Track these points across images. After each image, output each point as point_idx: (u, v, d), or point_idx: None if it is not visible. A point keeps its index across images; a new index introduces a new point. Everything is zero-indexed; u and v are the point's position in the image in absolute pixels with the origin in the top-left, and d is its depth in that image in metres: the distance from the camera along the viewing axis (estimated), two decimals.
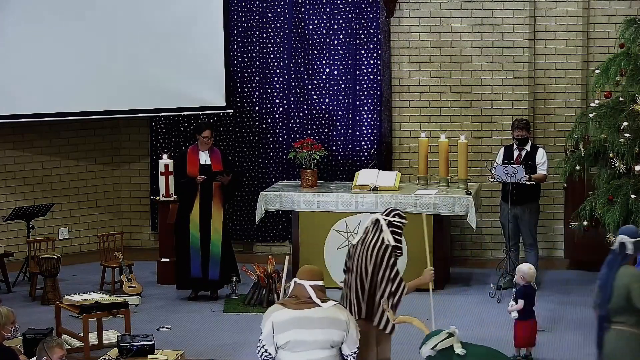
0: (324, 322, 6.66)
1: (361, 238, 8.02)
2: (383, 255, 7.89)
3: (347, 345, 6.77)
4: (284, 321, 6.66)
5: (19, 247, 13.03)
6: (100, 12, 12.84)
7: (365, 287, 7.88)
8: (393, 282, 7.85)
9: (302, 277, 6.78)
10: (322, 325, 6.65)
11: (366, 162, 13.15)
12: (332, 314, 6.70)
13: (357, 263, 7.92)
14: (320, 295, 6.75)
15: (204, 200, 11.54)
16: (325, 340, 6.66)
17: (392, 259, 7.89)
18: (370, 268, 7.88)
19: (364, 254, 7.92)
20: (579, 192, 12.10)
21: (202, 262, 11.59)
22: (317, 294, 6.73)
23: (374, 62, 13.20)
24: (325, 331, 6.64)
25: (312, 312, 6.67)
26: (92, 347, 9.80)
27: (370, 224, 8.03)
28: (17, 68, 12.63)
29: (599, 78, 11.20)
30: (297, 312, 6.66)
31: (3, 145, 13.22)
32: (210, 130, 11.62)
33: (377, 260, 7.89)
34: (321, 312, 6.69)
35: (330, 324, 6.67)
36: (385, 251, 7.89)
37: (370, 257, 7.90)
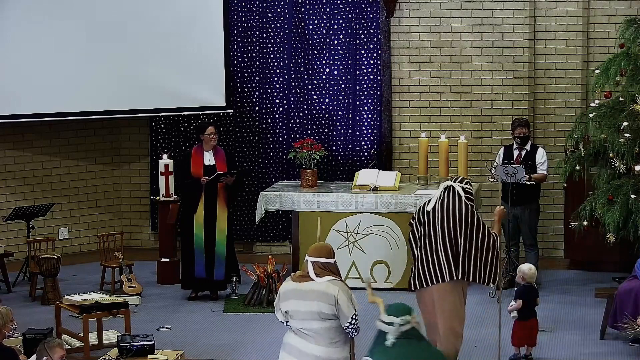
0: (314, 295, 7.23)
1: (437, 205, 8.72)
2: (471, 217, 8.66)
3: (340, 319, 7.25)
4: (286, 291, 7.33)
5: (19, 247, 13.03)
6: (101, 12, 12.84)
7: (459, 249, 8.65)
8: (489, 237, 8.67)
9: (309, 253, 7.38)
10: (312, 298, 7.22)
11: (366, 162, 13.15)
12: (323, 288, 7.23)
13: (442, 228, 8.68)
14: (319, 271, 7.31)
15: (208, 201, 11.54)
16: (315, 311, 7.20)
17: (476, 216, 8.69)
18: (460, 230, 8.64)
19: (448, 218, 8.66)
20: (579, 192, 12.10)
21: (206, 263, 11.58)
22: (316, 269, 7.30)
23: (374, 62, 13.20)
24: (314, 303, 7.20)
25: (307, 286, 7.28)
26: (92, 347, 9.79)
27: (443, 191, 8.76)
28: (17, 68, 12.63)
29: (599, 78, 11.20)
30: (297, 284, 7.30)
31: (3, 145, 13.22)
32: (213, 127, 11.62)
33: (467, 222, 8.63)
34: (313, 286, 7.25)
35: (319, 297, 7.21)
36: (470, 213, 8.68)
37: (459, 220, 8.64)
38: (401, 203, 11.87)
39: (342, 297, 7.25)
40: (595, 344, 10.04)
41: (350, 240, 11.97)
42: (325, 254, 7.39)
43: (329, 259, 7.38)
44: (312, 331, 7.26)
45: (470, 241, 8.69)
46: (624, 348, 9.89)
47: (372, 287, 7.57)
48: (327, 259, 7.38)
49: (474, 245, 8.69)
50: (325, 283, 7.28)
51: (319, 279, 7.28)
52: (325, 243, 7.60)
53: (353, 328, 7.27)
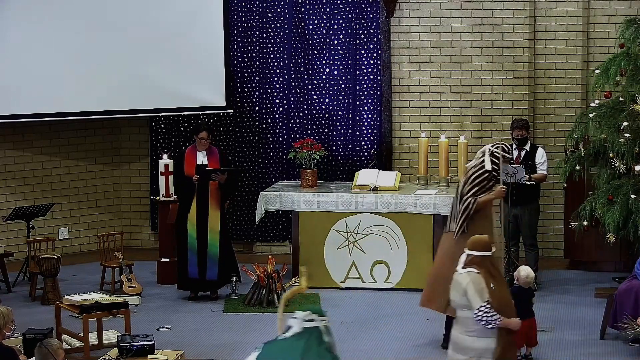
0: (453, 284, 7.77)
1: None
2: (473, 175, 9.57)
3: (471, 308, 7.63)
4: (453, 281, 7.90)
5: (19, 247, 13.03)
6: (101, 12, 12.84)
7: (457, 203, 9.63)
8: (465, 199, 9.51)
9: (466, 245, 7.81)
10: (452, 287, 7.77)
11: (366, 162, 13.15)
12: (458, 278, 7.71)
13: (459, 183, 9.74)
14: (468, 262, 7.71)
15: (200, 201, 11.55)
16: (453, 300, 7.76)
17: (479, 178, 9.54)
18: (461, 186, 9.63)
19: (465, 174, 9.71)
20: (579, 192, 12.10)
21: (199, 263, 11.58)
22: (466, 260, 7.72)
23: (374, 62, 13.20)
24: (453, 292, 7.76)
25: (454, 275, 7.82)
26: (92, 347, 9.79)
27: (481, 153, 9.62)
28: (18, 68, 12.63)
29: (599, 78, 11.21)
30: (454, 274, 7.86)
31: (3, 145, 13.22)
32: (206, 132, 11.61)
33: (468, 178, 9.60)
34: (455, 276, 7.77)
35: (454, 286, 7.73)
36: (478, 172, 9.56)
37: (465, 176, 9.66)
38: (401, 203, 11.87)
39: (470, 288, 7.57)
40: (595, 344, 10.04)
41: (350, 240, 11.97)
42: (480, 248, 7.71)
43: (483, 252, 7.70)
44: (458, 317, 7.78)
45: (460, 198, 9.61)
46: (624, 348, 9.89)
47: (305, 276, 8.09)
48: (482, 252, 7.69)
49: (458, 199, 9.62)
50: (463, 274, 7.67)
51: (462, 270, 7.69)
52: (482, 236, 7.93)
53: (480, 319, 7.53)
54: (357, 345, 10.08)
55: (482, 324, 7.59)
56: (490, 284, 7.63)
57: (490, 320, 7.57)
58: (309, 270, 8.94)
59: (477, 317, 7.58)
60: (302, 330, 6.28)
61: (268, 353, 6.29)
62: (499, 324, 7.62)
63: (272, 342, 6.35)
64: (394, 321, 10.85)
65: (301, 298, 11.55)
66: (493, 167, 9.67)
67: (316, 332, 6.27)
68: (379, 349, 9.97)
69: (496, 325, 7.61)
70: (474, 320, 7.63)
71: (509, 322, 7.69)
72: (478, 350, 7.65)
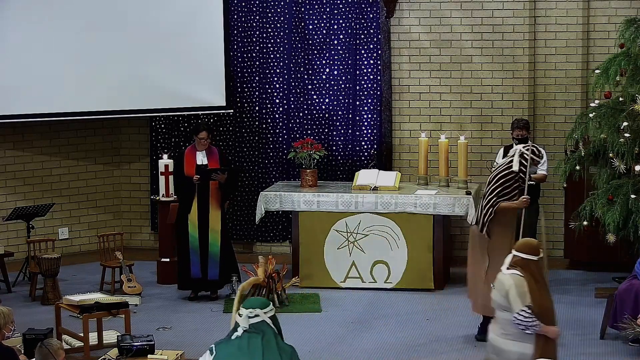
0: (496, 284, 7.67)
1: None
2: (499, 174, 9.85)
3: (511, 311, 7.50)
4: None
5: (19, 247, 13.03)
6: (101, 12, 12.84)
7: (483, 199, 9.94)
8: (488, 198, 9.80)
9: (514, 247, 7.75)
10: (495, 287, 7.67)
11: (366, 162, 13.15)
12: (502, 278, 7.59)
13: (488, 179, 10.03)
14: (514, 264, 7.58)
15: (201, 201, 11.55)
16: (494, 300, 7.64)
17: (504, 178, 9.78)
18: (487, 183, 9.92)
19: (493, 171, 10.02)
20: (579, 192, 12.10)
21: (201, 263, 11.59)
22: (511, 261, 7.61)
23: (374, 62, 13.20)
24: (494, 292, 7.65)
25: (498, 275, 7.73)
26: (92, 347, 9.79)
27: (513, 152, 9.87)
28: (17, 68, 12.63)
29: (599, 78, 11.21)
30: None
31: (3, 145, 13.22)
32: (206, 132, 11.61)
33: (494, 177, 9.87)
34: (499, 276, 7.66)
35: (498, 287, 7.62)
36: (504, 171, 9.83)
37: (492, 173, 9.95)
38: (401, 203, 11.87)
39: (512, 291, 7.47)
40: (595, 344, 10.05)
41: (350, 240, 11.97)
42: (527, 250, 7.60)
43: (529, 255, 7.58)
44: (496, 318, 7.68)
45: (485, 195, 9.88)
46: (624, 348, 9.90)
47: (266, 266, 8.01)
48: (528, 254, 7.58)
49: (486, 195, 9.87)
50: (507, 275, 7.56)
51: (506, 271, 7.58)
52: (532, 240, 7.86)
53: (519, 322, 7.43)
54: (357, 345, 10.08)
55: (520, 328, 7.46)
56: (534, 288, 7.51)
57: (528, 326, 7.42)
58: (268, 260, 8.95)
59: (516, 320, 7.45)
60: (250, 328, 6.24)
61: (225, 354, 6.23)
62: (538, 330, 7.46)
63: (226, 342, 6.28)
64: (394, 321, 10.85)
65: (301, 298, 11.57)
66: (520, 169, 9.82)
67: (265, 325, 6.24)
68: (379, 349, 9.98)
69: (534, 332, 7.46)
70: (513, 323, 7.50)
71: (548, 329, 7.52)
72: (514, 354, 7.51)
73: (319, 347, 10.03)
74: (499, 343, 7.58)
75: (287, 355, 6.24)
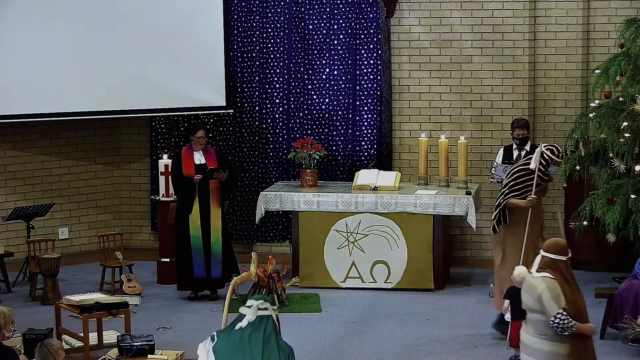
0: (526, 287, 7.56)
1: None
2: (516, 168, 10.10)
3: (546, 315, 7.42)
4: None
5: (19, 247, 13.03)
6: (101, 12, 12.84)
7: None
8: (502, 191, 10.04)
9: (542, 247, 7.66)
10: (525, 290, 7.57)
11: (366, 162, 13.15)
12: (533, 281, 7.48)
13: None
14: (543, 265, 7.51)
15: (202, 200, 11.55)
16: (525, 303, 7.55)
17: (519, 173, 9.99)
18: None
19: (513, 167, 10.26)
20: (579, 192, 12.10)
21: (205, 262, 11.59)
22: (541, 263, 7.53)
23: (374, 62, 13.20)
24: (525, 295, 7.54)
25: (528, 277, 7.62)
26: (92, 347, 9.79)
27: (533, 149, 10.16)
28: (18, 68, 12.63)
29: (599, 78, 11.21)
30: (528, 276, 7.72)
31: (3, 145, 13.22)
32: (203, 131, 11.61)
33: (511, 171, 10.14)
34: (529, 279, 7.56)
35: (528, 289, 7.51)
36: (520, 166, 10.06)
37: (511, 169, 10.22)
38: (401, 203, 11.87)
39: (545, 294, 7.38)
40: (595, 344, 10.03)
41: (350, 240, 11.97)
42: (555, 251, 7.53)
43: (558, 255, 7.52)
44: (528, 319, 7.59)
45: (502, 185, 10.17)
46: (624, 348, 9.89)
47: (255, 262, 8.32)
48: (556, 254, 7.52)
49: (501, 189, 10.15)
50: (538, 278, 7.46)
51: (536, 274, 7.49)
52: (560, 240, 7.73)
53: (556, 326, 7.36)
54: (357, 345, 10.08)
55: (558, 330, 7.41)
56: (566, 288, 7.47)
57: (566, 328, 7.38)
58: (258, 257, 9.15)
59: (554, 324, 7.39)
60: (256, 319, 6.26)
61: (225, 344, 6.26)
62: (575, 330, 7.43)
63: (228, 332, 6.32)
64: (394, 321, 10.85)
65: (301, 298, 11.57)
66: (539, 168, 9.93)
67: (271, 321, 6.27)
68: (379, 349, 9.98)
69: (571, 332, 7.42)
70: (548, 325, 7.43)
71: (584, 327, 7.49)
72: (549, 354, 7.47)
73: (319, 347, 10.03)
74: (534, 343, 7.54)
75: (285, 354, 6.25)
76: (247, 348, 6.19)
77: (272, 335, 6.25)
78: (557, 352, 7.46)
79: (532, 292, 7.46)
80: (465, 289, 12.05)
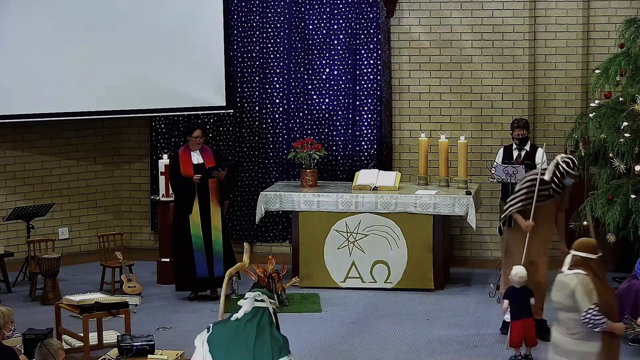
0: (558, 285, 7.55)
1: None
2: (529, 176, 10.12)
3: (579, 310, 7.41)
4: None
5: (19, 247, 13.03)
6: (101, 12, 12.84)
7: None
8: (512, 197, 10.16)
9: (573, 246, 7.66)
10: (557, 288, 7.55)
11: (366, 162, 13.15)
12: (564, 279, 7.48)
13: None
14: (574, 263, 7.51)
15: (202, 200, 11.55)
16: (557, 301, 7.53)
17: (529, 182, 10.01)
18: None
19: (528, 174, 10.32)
20: (579, 192, 12.09)
21: (207, 262, 11.59)
22: (571, 261, 7.53)
23: (374, 62, 13.20)
24: (557, 293, 7.53)
25: (559, 276, 7.61)
26: (92, 347, 9.79)
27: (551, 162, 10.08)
28: (17, 68, 12.63)
29: (599, 78, 11.21)
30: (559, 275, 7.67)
31: (3, 145, 13.22)
32: (200, 130, 11.61)
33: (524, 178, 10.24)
34: (560, 277, 7.56)
35: (560, 287, 7.50)
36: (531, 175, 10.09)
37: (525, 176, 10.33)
38: (401, 203, 11.87)
39: (579, 290, 7.40)
40: None
41: (350, 240, 11.97)
42: (586, 249, 7.56)
43: (589, 253, 7.53)
44: (559, 319, 7.58)
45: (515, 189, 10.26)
46: (624, 348, 9.85)
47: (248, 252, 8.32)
48: (587, 253, 7.53)
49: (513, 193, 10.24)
50: (571, 275, 7.48)
51: (568, 271, 7.51)
52: (591, 239, 7.78)
53: (587, 321, 7.37)
54: (357, 345, 10.08)
55: (589, 327, 7.41)
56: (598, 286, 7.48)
57: (597, 324, 7.39)
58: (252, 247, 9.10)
59: (585, 319, 7.39)
60: (252, 310, 6.31)
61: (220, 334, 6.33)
62: (605, 327, 7.43)
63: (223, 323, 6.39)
64: (394, 321, 10.85)
65: (301, 298, 11.57)
66: (552, 179, 9.95)
67: (266, 312, 6.31)
68: (379, 349, 9.98)
69: (602, 329, 7.42)
70: (580, 322, 7.43)
71: (614, 326, 7.50)
72: (580, 354, 7.47)
73: (319, 347, 10.03)
74: (567, 344, 7.53)
75: (278, 344, 6.29)
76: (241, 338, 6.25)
77: (266, 326, 6.30)
78: (589, 352, 7.47)
79: (565, 289, 7.47)
80: (465, 289, 12.05)
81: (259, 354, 6.18)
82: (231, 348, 6.25)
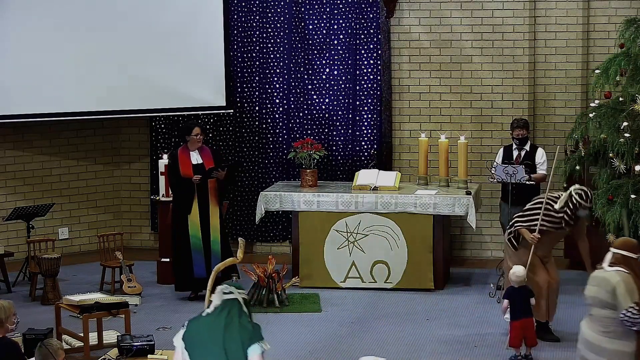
0: (596, 281, 7.50)
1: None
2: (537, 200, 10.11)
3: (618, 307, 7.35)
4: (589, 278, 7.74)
5: (19, 247, 13.04)
6: (100, 12, 12.84)
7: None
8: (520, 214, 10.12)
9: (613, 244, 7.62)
10: (594, 283, 7.50)
11: (366, 162, 13.15)
12: (605, 274, 7.44)
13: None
14: (614, 261, 7.48)
15: (201, 200, 11.54)
16: (594, 296, 7.46)
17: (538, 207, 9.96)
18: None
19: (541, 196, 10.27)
20: None
21: (205, 262, 11.58)
22: (612, 259, 7.50)
23: (374, 62, 13.20)
24: (594, 289, 7.46)
25: (597, 272, 7.56)
26: (92, 347, 9.79)
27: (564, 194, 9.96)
28: (17, 68, 12.64)
29: (599, 78, 11.22)
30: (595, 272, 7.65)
31: (3, 145, 13.22)
32: (199, 128, 11.59)
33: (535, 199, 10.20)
34: (600, 273, 7.51)
35: (599, 283, 7.43)
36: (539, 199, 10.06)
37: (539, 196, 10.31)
38: (401, 203, 11.87)
39: (620, 287, 7.35)
40: None
41: (350, 240, 11.97)
42: (627, 248, 7.52)
43: (630, 252, 7.50)
44: (592, 316, 7.51)
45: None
46: None
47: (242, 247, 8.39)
48: (628, 252, 7.50)
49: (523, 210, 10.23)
50: (612, 272, 7.44)
51: (609, 268, 7.48)
52: (631, 239, 7.75)
53: (626, 319, 7.31)
54: (357, 345, 10.08)
55: (627, 325, 7.35)
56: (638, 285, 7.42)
57: (635, 323, 7.32)
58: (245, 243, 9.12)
59: (624, 318, 7.33)
60: (221, 303, 6.39)
61: (194, 329, 6.44)
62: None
63: (197, 319, 6.51)
64: (394, 321, 10.85)
65: (301, 298, 11.57)
66: (565, 211, 9.89)
67: (236, 304, 6.39)
68: (379, 349, 9.97)
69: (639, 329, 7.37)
70: (617, 320, 7.37)
71: None
72: (613, 352, 7.41)
73: (319, 347, 10.03)
74: (598, 341, 7.47)
75: (247, 332, 6.35)
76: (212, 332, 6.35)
77: (235, 317, 6.38)
78: (623, 351, 7.41)
79: (605, 284, 7.39)
80: (465, 289, 12.05)
81: (229, 345, 6.29)
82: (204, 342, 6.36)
